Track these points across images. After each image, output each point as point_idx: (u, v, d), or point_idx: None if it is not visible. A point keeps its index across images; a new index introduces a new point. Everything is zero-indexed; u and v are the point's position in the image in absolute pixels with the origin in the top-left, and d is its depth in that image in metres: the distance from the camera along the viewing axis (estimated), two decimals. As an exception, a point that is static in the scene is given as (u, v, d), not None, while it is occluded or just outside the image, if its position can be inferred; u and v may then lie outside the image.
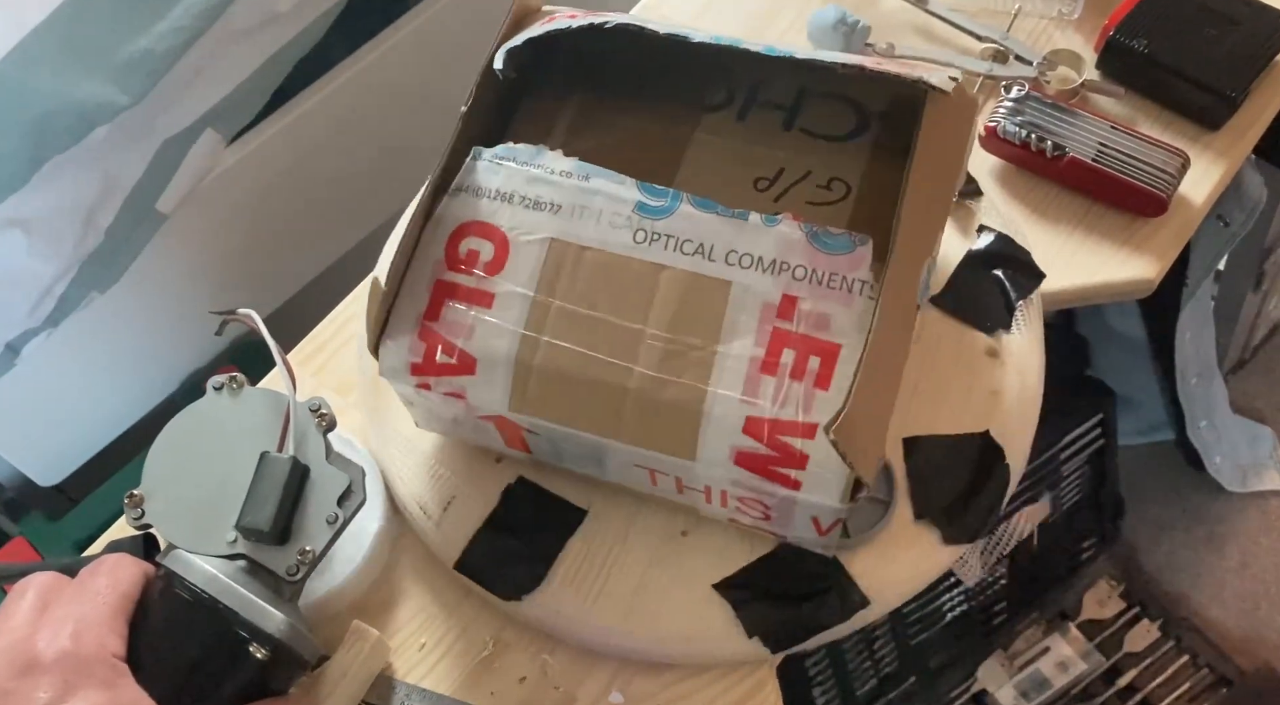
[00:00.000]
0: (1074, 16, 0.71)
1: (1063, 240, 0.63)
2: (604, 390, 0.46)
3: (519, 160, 0.49)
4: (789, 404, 0.45)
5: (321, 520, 0.48)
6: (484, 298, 0.48)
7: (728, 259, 0.46)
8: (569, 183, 0.48)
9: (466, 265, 0.48)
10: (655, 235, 0.47)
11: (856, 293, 0.45)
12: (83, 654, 0.41)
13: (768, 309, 0.45)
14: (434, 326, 0.48)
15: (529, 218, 0.48)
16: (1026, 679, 1.13)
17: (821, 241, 0.46)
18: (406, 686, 0.54)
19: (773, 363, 0.45)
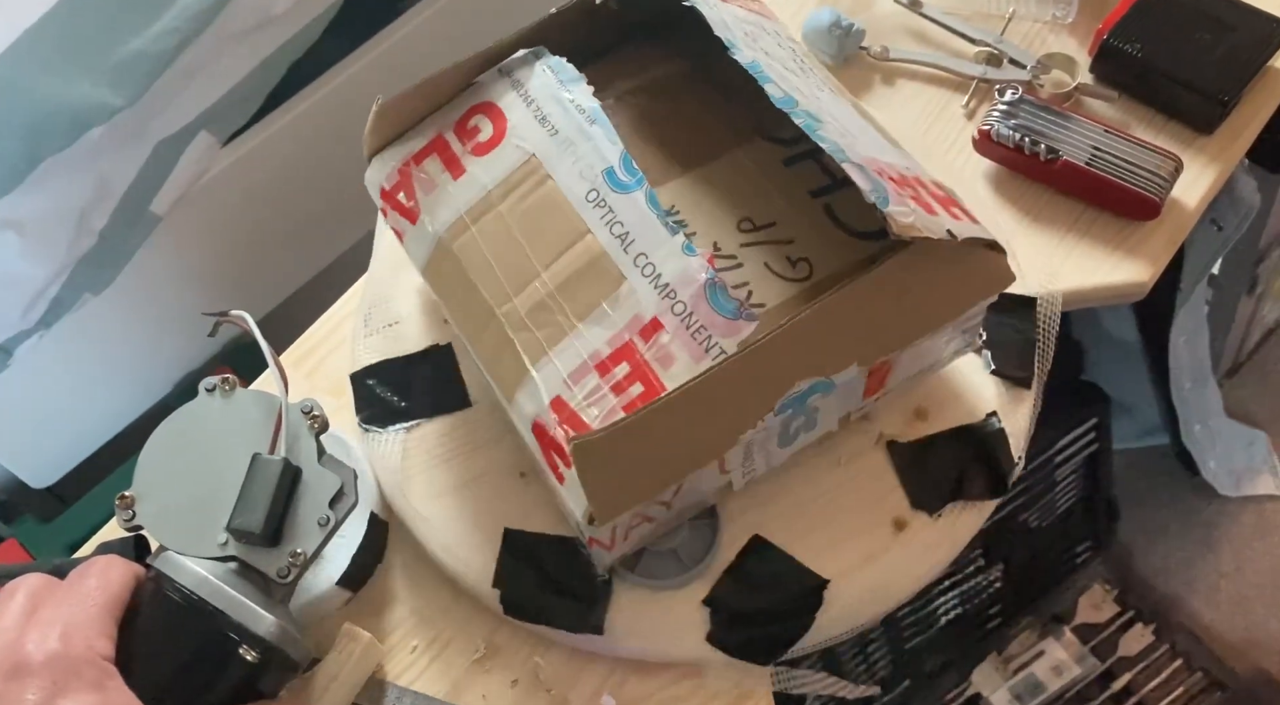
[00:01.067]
0: (1068, 20, 0.71)
1: (1056, 244, 0.64)
2: (481, 302, 0.49)
3: (559, 77, 0.51)
4: (593, 407, 0.46)
5: (313, 522, 0.48)
6: (458, 169, 0.51)
7: (636, 259, 0.47)
8: (577, 118, 0.50)
9: (466, 136, 0.52)
10: (602, 203, 0.48)
11: (710, 356, 0.45)
12: (72, 656, 0.41)
13: (635, 320, 0.46)
14: (413, 169, 0.52)
15: (531, 128, 0.50)
16: (1021, 682, 1.13)
17: (714, 294, 0.46)
18: (398, 689, 0.54)
19: (606, 367, 0.46)
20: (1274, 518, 1.22)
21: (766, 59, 0.50)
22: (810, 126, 0.47)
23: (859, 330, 0.46)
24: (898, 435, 0.56)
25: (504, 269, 0.49)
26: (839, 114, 0.51)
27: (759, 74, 0.48)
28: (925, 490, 0.55)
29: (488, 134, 0.51)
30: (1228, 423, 1.21)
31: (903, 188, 0.47)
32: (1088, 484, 1.11)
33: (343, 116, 0.88)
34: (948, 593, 1.05)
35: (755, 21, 0.54)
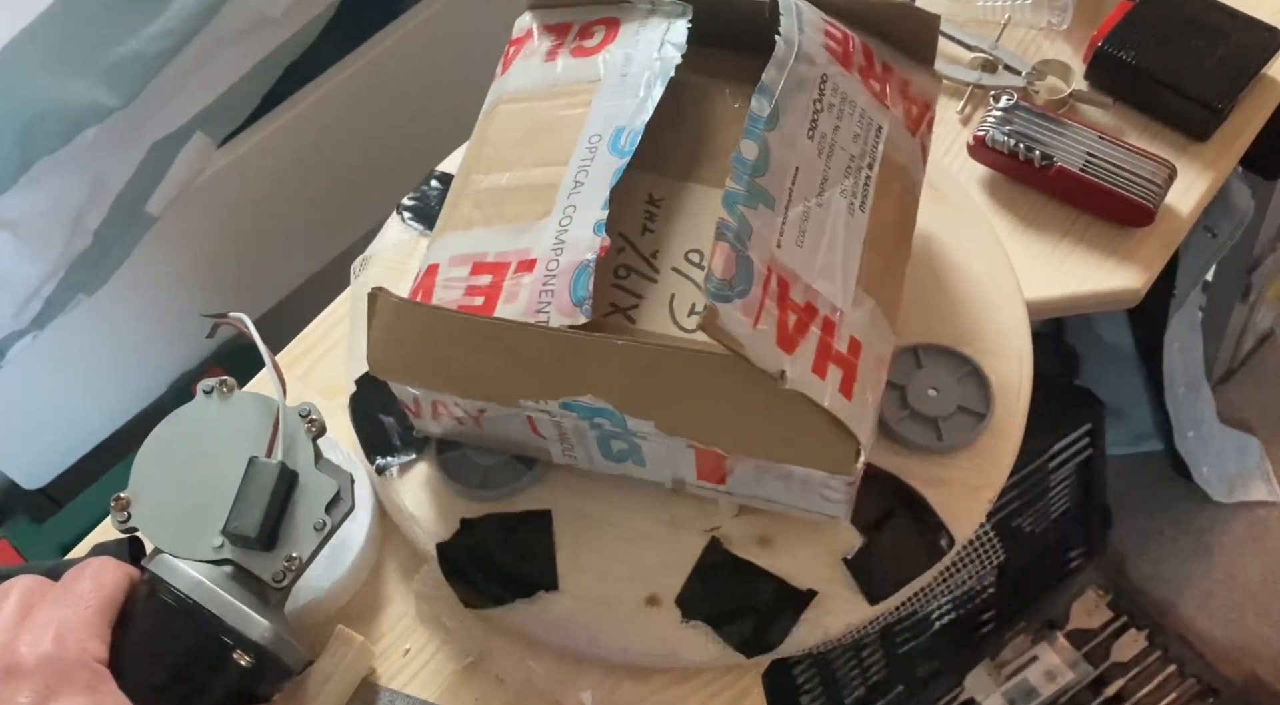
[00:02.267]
0: (1063, 27, 0.71)
1: (1050, 249, 0.64)
2: (472, 161, 0.53)
3: (670, 36, 0.52)
4: (445, 290, 0.49)
5: (309, 527, 0.47)
6: (552, 56, 0.54)
7: (567, 209, 0.48)
8: (646, 75, 0.51)
9: (581, 35, 0.54)
10: (593, 150, 0.50)
11: (537, 317, 0.46)
12: (65, 658, 0.40)
13: (523, 252, 0.49)
14: (534, 35, 0.56)
15: (617, 60, 0.52)
16: (1014, 688, 1.13)
17: (580, 274, 0.46)
18: (390, 692, 0.53)
19: (478, 269, 0.49)
20: (1267, 524, 1.23)
21: (800, 120, 0.48)
22: (733, 195, 0.45)
23: (662, 392, 0.45)
24: (729, 539, 0.54)
25: (496, 148, 0.52)
26: (820, 216, 0.48)
27: (751, 123, 0.46)
28: (697, 597, 0.53)
29: (592, 44, 0.54)
30: (1221, 429, 1.22)
31: (784, 310, 0.45)
32: (1081, 490, 1.11)
33: (339, 118, 0.88)
34: (941, 598, 1.05)
35: (850, 95, 0.51)
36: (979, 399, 0.57)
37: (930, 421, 0.56)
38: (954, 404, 0.56)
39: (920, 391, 0.57)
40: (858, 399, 0.46)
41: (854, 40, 0.52)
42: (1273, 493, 1.24)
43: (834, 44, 0.51)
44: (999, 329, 0.59)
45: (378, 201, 0.68)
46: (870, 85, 0.52)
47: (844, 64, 0.51)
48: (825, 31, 0.51)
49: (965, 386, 0.57)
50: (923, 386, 0.57)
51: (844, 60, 0.51)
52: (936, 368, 0.57)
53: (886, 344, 0.49)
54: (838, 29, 0.51)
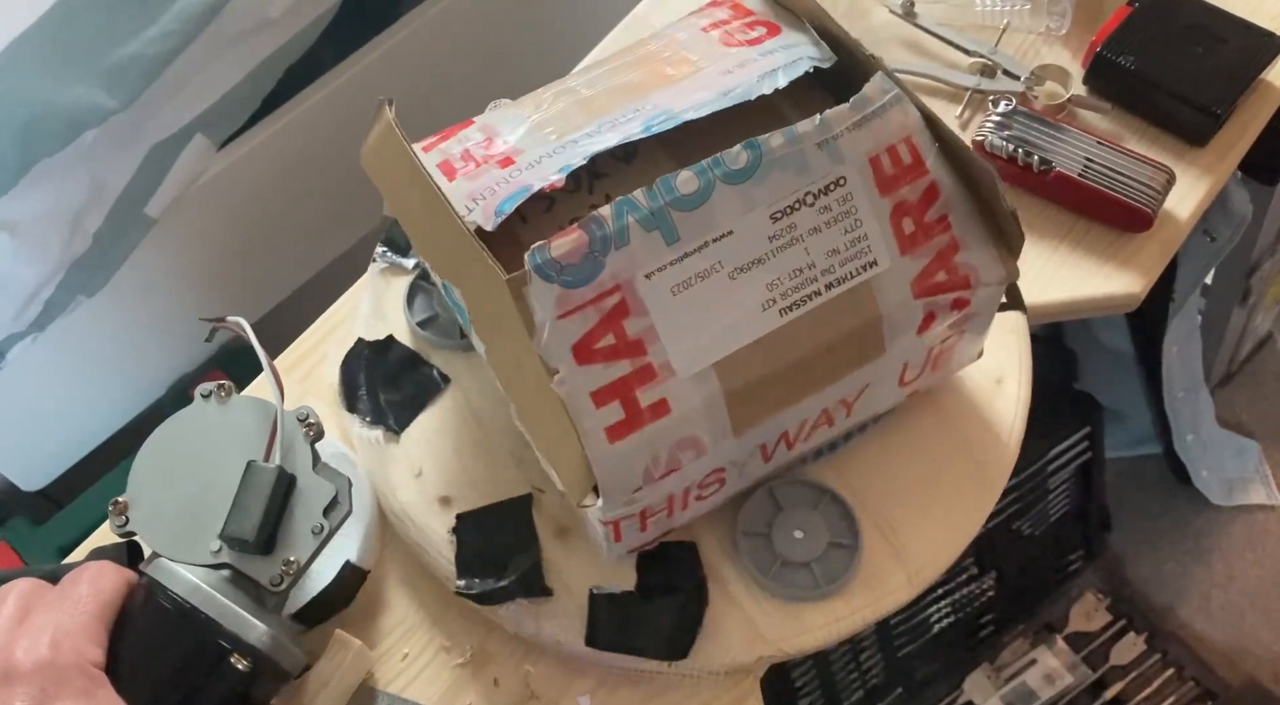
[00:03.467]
0: (1062, 32, 0.71)
1: (1049, 254, 0.64)
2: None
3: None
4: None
5: (307, 530, 0.47)
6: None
7: (580, 139, 0.48)
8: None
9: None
10: (631, 115, 0.49)
11: (464, 211, 0.47)
12: (61, 663, 0.40)
13: (513, 151, 0.50)
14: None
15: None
16: (1013, 691, 1.13)
17: (515, 194, 0.46)
18: (388, 696, 0.53)
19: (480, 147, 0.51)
20: (1265, 527, 1.23)
21: (775, 197, 0.46)
22: (633, 206, 0.44)
23: (500, 325, 0.46)
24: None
25: (607, 66, 0.53)
26: (722, 287, 0.45)
27: (712, 164, 0.45)
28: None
29: (741, 36, 0.53)
30: (1220, 432, 1.22)
31: (604, 327, 0.44)
32: (1080, 493, 1.11)
33: (339, 121, 0.88)
34: (940, 601, 1.06)
35: (860, 215, 0.47)
36: (846, 530, 0.55)
37: (804, 567, 0.54)
38: (824, 542, 0.54)
39: (787, 536, 0.54)
40: (622, 451, 0.44)
41: (921, 178, 0.47)
42: (1271, 496, 1.24)
43: (886, 162, 0.46)
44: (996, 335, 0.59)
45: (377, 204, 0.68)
46: (899, 223, 0.47)
47: (880, 185, 0.47)
48: (889, 146, 0.46)
49: (828, 517, 0.55)
50: (788, 529, 0.54)
51: (882, 182, 0.47)
52: (796, 506, 0.55)
53: (710, 436, 0.46)
54: (912, 152, 0.47)
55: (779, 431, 0.49)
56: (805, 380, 0.47)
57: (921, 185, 0.47)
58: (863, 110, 0.46)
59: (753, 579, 0.54)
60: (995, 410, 0.58)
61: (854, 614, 0.53)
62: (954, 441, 0.57)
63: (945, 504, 0.56)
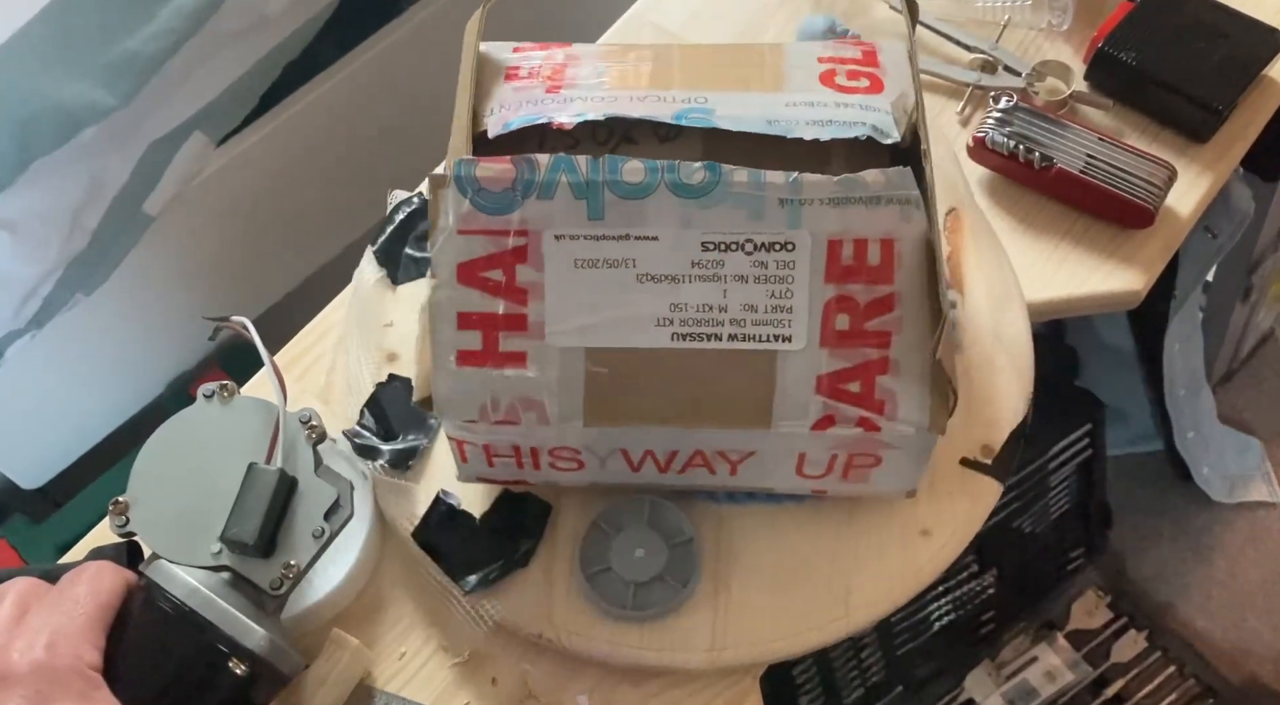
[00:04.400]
0: (1063, 28, 0.71)
1: (1050, 251, 0.63)
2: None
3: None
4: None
5: (308, 534, 0.47)
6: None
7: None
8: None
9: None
10: (680, 99, 0.49)
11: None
12: (57, 665, 0.40)
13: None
14: None
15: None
16: (1014, 689, 1.13)
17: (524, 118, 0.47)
18: (386, 695, 0.53)
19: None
20: (1267, 525, 1.22)
21: (719, 222, 0.44)
22: (592, 167, 0.43)
23: None
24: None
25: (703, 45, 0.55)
26: (620, 281, 0.44)
27: (686, 170, 0.44)
28: None
29: (851, 55, 0.52)
30: (1221, 429, 1.21)
31: (502, 263, 0.44)
32: (1081, 490, 1.11)
33: (337, 118, 0.88)
34: (941, 599, 1.05)
35: (794, 285, 0.45)
36: (679, 528, 0.53)
37: (658, 580, 0.53)
38: (665, 553, 0.53)
39: (628, 560, 0.53)
40: (464, 377, 0.44)
41: (880, 285, 0.44)
42: (1273, 493, 1.23)
43: (846, 252, 0.44)
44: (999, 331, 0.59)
45: (376, 201, 0.68)
46: (832, 315, 0.44)
47: (829, 270, 0.44)
48: (859, 238, 0.44)
49: (659, 523, 0.53)
50: (628, 553, 0.53)
51: (833, 268, 0.44)
52: (626, 526, 0.53)
53: (558, 411, 0.45)
54: (885, 256, 0.44)
55: (642, 446, 0.48)
56: (677, 411, 0.46)
57: (878, 292, 0.44)
58: (847, 191, 0.43)
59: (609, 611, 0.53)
60: (902, 555, 0.53)
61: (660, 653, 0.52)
62: (840, 560, 0.53)
63: (787, 603, 0.53)
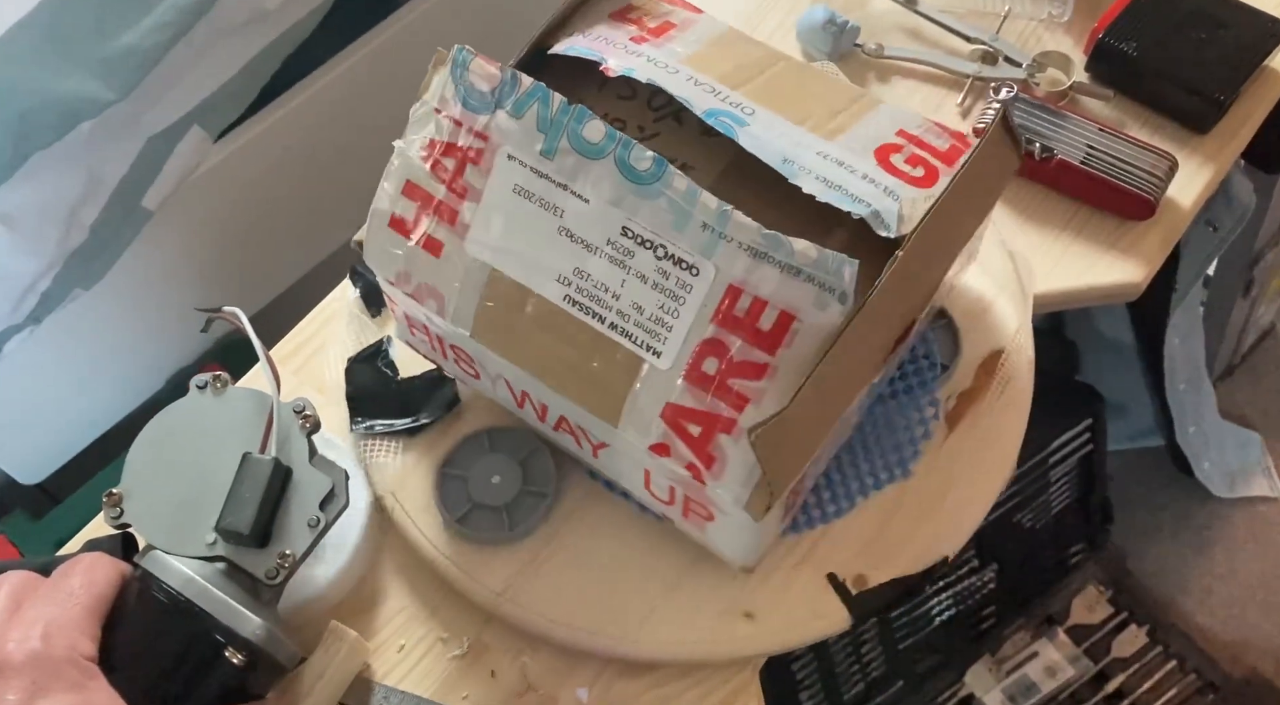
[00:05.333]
0: (1064, 19, 0.71)
1: (1050, 242, 0.63)
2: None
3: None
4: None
5: (303, 523, 0.47)
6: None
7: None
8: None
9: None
10: (708, 89, 0.50)
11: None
12: (53, 656, 0.40)
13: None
14: None
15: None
16: (1014, 684, 1.12)
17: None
18: (385, 688, 0.53)
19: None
20: (1268, 519, 1.22)
21: (651, 216, 0.45)
22: (580, 113, 0.45)
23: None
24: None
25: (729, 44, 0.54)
26: (542, 228, 0.46)
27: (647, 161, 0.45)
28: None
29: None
30: (1222, 424, 1.21)
31: (449, 168, 0.47)
32: (1082, 485, 1.11)
33: (335, 112, 0.87)
34: (941, 593, 1.05)
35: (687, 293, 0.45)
36: (545, 480, 0.55)
37: (497, 510, 0.55)
38: (517, 488, 0.55)
39: (483, 480, 0.55)
40: (388, 237, 0.48)
41: (759, 350, 0.43)
42: (1274, 488, 1.23)
43: (742, 304, 0.43)
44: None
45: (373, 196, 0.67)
46: (703, 356, 0.44)
47: (718, 313, 0.44)
48: (759, 298, 0.43)
49: (532, 468, 0.55)
50: (487, 475, 0.55)
51: (723, 313, 0.44)
52: (504, 452, 0.56)
53: (452, 310, 0.48)
54: (778, 326, 0.43)
55: (520, 385, 0.50)
56: (547, 368, 0.47)
57: (754, 356, 0.43)
58: (769, 248, 0.43)
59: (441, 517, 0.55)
60: (714, 621, 0.53)
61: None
62: (656, 587, 0.54)
63: (587, 594, 0.54)
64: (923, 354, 0.58)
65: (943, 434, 0.56)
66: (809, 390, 0.42)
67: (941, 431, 0.56)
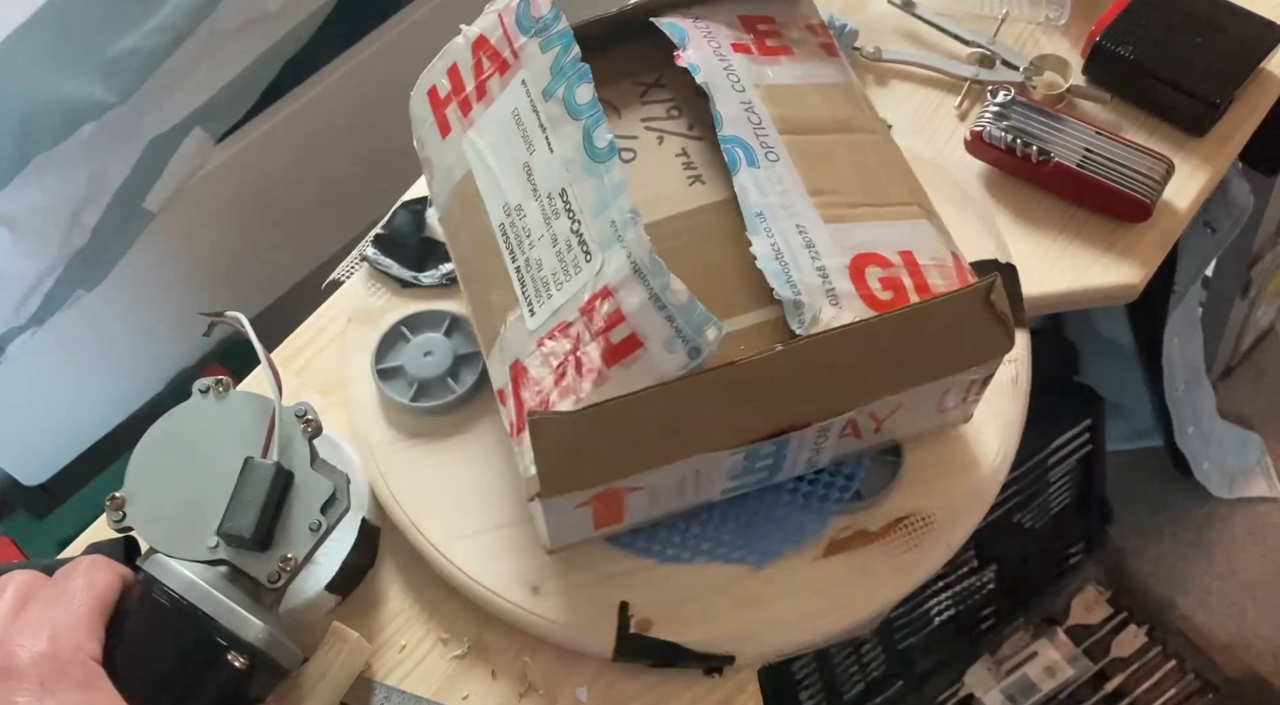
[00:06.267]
0: (1061, 22, 0.71)
1: (1047, 245, 0.64)
2: None
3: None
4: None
5: (304, 527, 0.47)
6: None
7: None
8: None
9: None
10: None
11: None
12: (59, 656, 0.40)
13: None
14: None
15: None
16: (1014, 684, 1.13)
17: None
18: (386, 688, 0.53)
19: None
20: (1267, 520, 1.22)
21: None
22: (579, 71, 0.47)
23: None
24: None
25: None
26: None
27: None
28: None
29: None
30: (1221, 425, 1.21)
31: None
32: (1081, 485, 1.11)
33: (337, 114, 0.88)
34: (941, 594, 1.05)
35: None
36: (468, 344, 0.59)
37: (439, 379, 0.58)
38: (450, 356, 0.59)
39: (416, 359, 0.59)
40: (421, 96, 0.56)
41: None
42: (1273, 488, 1.23)
43: (601, 310, 0.45)
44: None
45: (375, 197, 0.68)
46: (555, 332, 0.46)
47: (585, 307, 0.45)
48: (616, 313, 0.44)
49: (456, 337, 0.60)
50: (417, 355, 0.59)
51: (585, 308, 0.45)
52: (424, 331, 0.60)
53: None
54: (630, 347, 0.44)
55: (470, 270, 0.53)
56: (466, 271, 0.53)
57: (593, 358, 0.45)
58: (650, 273, 0.44)
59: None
60: (505, 584, 0.54)
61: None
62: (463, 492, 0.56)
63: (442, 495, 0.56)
64: (846, 474, 0.55)
65: (814, 554, 0.53)
66: (606, 410, 0.43)
67: (815, 551, 0.53)
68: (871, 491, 0.55)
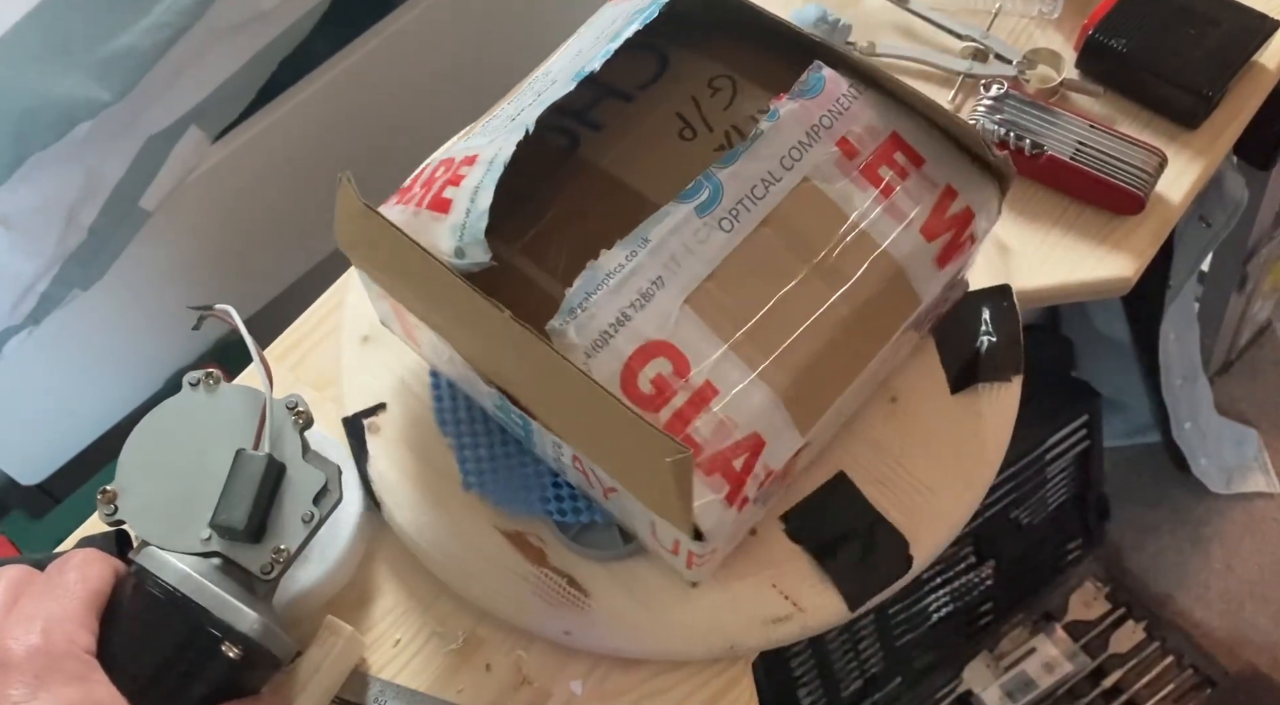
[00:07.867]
0: (1054, 16, 0.71)
1: (1041, 238, 0.64)
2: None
3: None
4: None
5: (297, 518, 0.47)
6: None
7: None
8: None
9: None
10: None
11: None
12: (53, 650, 0.40)
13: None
14: None
15: None
16: (1012, 680, 1.13)
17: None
18: (380, 682, 0.54)
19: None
20: (1264, 515, 1.22)
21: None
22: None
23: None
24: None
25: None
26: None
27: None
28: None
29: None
30: (1218, 420, 1.22)
31: None
32: (1078, 481, 1.11)
33: (333, 113, 0.88)
34: (939, 590, 1.05)
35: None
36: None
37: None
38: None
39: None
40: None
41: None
42: (1271, 484, 1.23)
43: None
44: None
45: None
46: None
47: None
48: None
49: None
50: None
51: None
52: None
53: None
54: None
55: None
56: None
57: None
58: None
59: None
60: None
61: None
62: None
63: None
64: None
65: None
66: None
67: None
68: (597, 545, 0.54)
